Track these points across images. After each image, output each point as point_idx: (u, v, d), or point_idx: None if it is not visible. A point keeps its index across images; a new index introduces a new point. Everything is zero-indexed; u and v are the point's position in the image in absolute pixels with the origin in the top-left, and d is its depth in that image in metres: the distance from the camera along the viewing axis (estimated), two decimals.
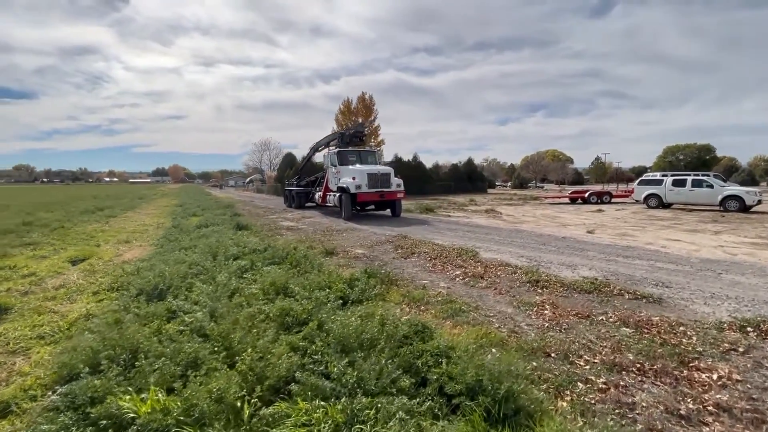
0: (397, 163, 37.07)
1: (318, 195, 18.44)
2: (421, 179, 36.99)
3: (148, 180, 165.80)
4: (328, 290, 4.39)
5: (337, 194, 15.48)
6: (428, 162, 47.67)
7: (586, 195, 23.08)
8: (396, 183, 14.92)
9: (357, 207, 14.75)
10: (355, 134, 17.57)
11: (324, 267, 5.57)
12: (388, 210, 15.80)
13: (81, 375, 2.49)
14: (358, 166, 15.37)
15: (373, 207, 15.76)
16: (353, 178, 14.39)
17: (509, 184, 74.85)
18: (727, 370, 3.00)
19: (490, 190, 47.55)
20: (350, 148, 17.00)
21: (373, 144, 40.82)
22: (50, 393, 2.47)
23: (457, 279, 5.50)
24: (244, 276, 5.13)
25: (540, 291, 4.89)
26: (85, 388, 2.32)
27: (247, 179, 78.41)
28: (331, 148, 18.34)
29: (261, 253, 6.43)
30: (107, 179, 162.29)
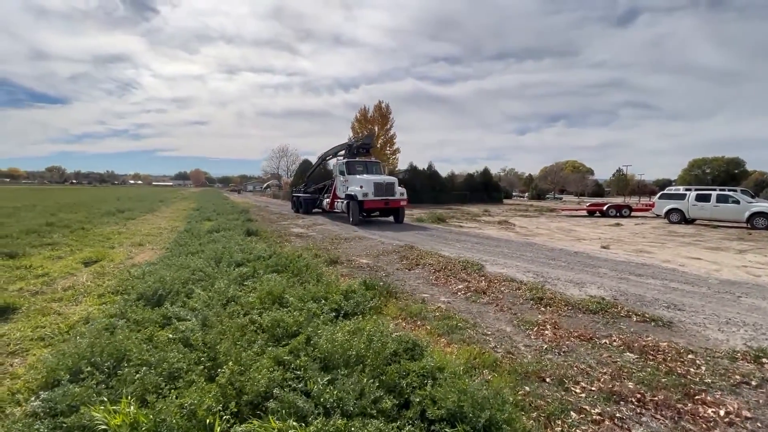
0: (411, 172, 37.10)
1: (326, 201, 19.03)
2: (435, 188, 36.82)
3: (170, 183, 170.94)
4: (323, 301, 4.35)
5: (345, 201, 16.13)
6: (444, 171, 47.49)
7: (605, 208, 22.48)
8: (399, 192, 15.62)
9: (364, 213, 15.32)
10: (362, 146, 18.20)
11: (324, 277, 5.53)
12: (392, 216, 16.43)
13: (62, 382, 2.52)
14: (365, 175, 16.07)
15: (378, 213, 16.56)
16: (361, 187, 15.10)
17: (526, 195, 73.66)
18: (736, 406, 2.79)
19: (506, 201, 46.91)
20: (358, 159, 17.71)
21: (389, 152, 41.12)
22: (33, 398, 2.50)
23: (459, 293, 5.40)
24: (245, 284, 5.13)
25: (543, 309, 4.73)
26: (65, 395, 2.33)
27: (265, 185, 79.77)
28: (339, 158, 19.15)
29: (265, 260, 6.43)
30: (132, 182, 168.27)
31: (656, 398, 2.87)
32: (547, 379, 3.12)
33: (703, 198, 17.03)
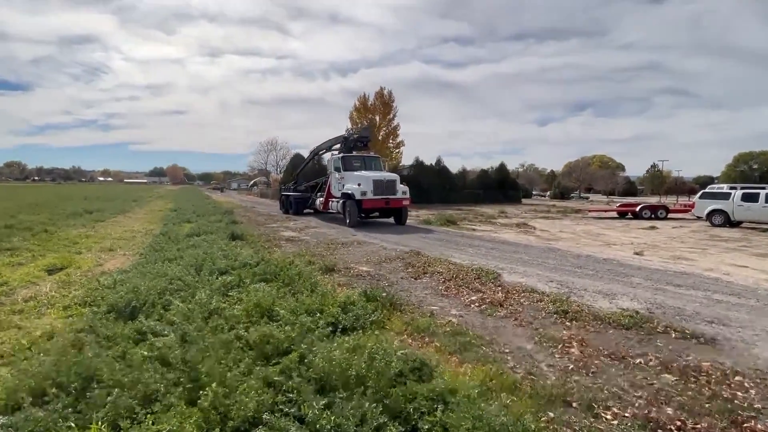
0: (417, 168, 37.20)
1: (319, 201, 19.21)
2: (444, 186, 36.88)
3: (145, 180, 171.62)
4: (318, 315, 4.36)
5: (341, 200, 16.31)
6: (455, 166, 47.53)
7: (638, 209, 22.45)
8: (402, 190, 15.80)
9: (362, 214, 15.50)
10: (360, 138, 18.43)
11: (319, 287, 5.54)
12: (392, 218, 16.61)
13: (24, 405, 2.52)
14: (363, 172, 16.25)
15: (377, 214, 16.84)
16: (358, 184, 15.25)
17: (548, 193, 73.53)
18: None
19: (525, 201, 46.88)
20: (355, 154, 17.93)
21: (391, 145, 41.19)
22: None
23: (473, 306, 5.41)
24: (230, 294, 5.16)
25: (568, 324, 4.73)
26: (27, 420, 2.34)
27: (251, 182, 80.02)
28: (334, 152, 19.34)
29: (252, 268, 6.46)
30: (101, 178, 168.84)
31: (699, 426, 2.86)
32: (574, 404, 3.11)
33: (750, 198, 16.97)
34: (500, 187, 41.42)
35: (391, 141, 41.67)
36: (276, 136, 78.11)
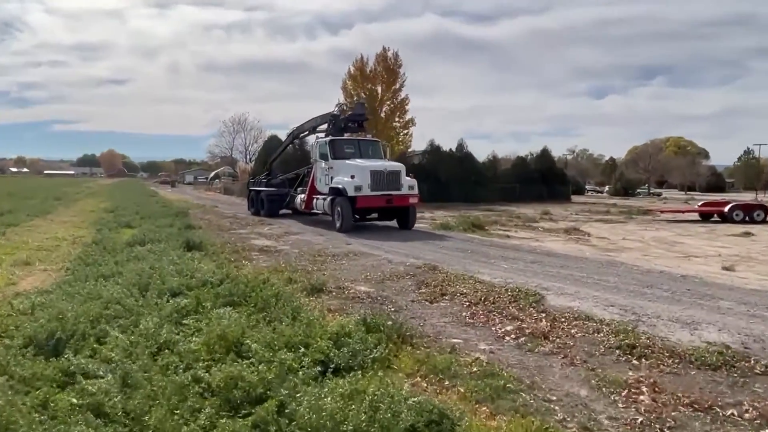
0: (432, 155, 37.33)
1: (300, 198, 19.34)
2: (468, 179, 36.93)
3: (72, 172, 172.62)
4: (302, 350, 4.37)
5: (329, 198, 16.41)
6: (482, 152, 47.54)
7: (726, 209, 22.41)
8: (408, 184, 15.88)
9: (356, 215, 15.63)
10: (352, 117, 18.50)
11: (303, 312, 5.56)
12: (395, 220, 16.65)
13: None
14: (357, 160, 16.31)
15: (376, 215, 16.89)
16: (352, 177, 15.33)
17: (606, 188, 73.55)
18: None
19: (575, 198, 46.89)
20: (348, 137, 17.98)
21: (398, 124, 41.36)
22: None
23: (507, 338, 5.42)
24: (185, 322, 5.19)
25: (636, 363, 4.72)
26: None
27: (212, 174, 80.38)
28: (320, 135, 19.31)
29: (214, 287, 6.49)
30: (14, 169, 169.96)
31: None
32: None
33: None
34: (543, 181, 41.47)
35: (397, 119, 41.90)
36: (245, 113, 78.48)
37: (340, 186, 15.57)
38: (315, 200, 17.81)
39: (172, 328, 4.86)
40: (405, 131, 42.17)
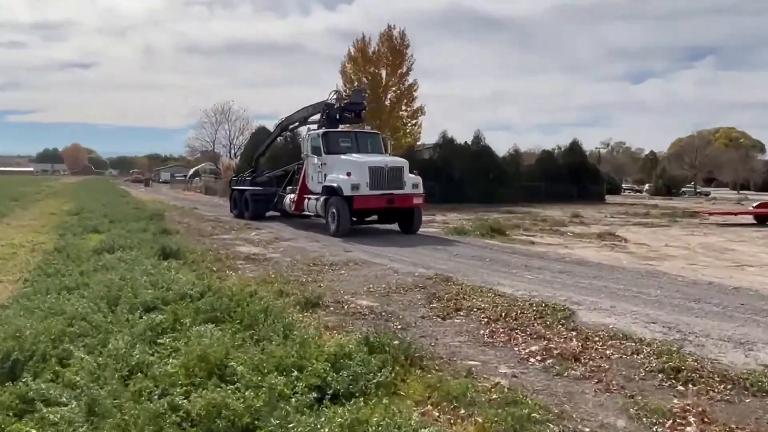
0: (444, 148, 37.37)
1: (289, 199, 19.50)
2: (486, 176, 36.95)
3: (31, 169, 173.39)
4: (295, 373, 4.36)
5: (322, 198, 16.59)
6: (502, 146, 47.70)
7: None
8: (412, 182, 16.12)
9: (353, 217, 15.86)
10: (349, 107, 18.72)
11: (297, 330, 5.56)
12: (397, 223, 16.84)
13: None
14: (354, 155, 16.50)
15: (375, 218, 17.18)
16: (348, 174, 15.51)
17: (646, 187, 73.37)
18: None
19: (610, 198, 46.79)
20: (343, 129, 18.31)
21: (405, 114, 41.44)
22: None
23: (532, 360, 5.41)
24: (160, 341, 5.19)
25: (682, 389, 4.70)
26: None
27: (191, 171, 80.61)
28: (312, 127, 19.53)
29: (194, 301, 6.51)
30: None
31: None
32: None
33: None
34: (573, 178, 41.46)
35: (404, 108, 42.01)
36: (230, 101, 78.47)
37: (334, 184, 15.74)
38: (306, 201, 17.95)
39: (145, 348, 4.85)
40: (413, 122, 42.29)
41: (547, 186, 39.69)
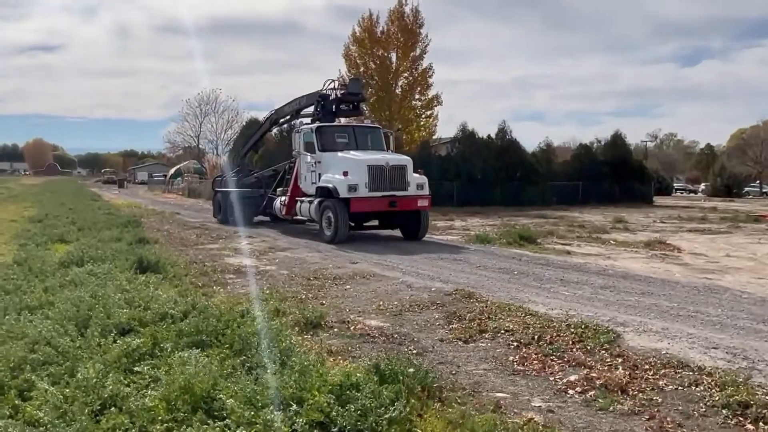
0: (465, 143, 37.43)
1: (280, 201, 19.93)
2: (513, 175, 37.01)
3: None
4: (295, 407, 4.33)
5: (316, 200, 16.95)
6: (532, 139, 47.65)
7: None
8: (417, 182, 16.55)
9: (351, 222, 16.33)
10: (345, 98, 19.21)
11: (296, 356, 5.53)
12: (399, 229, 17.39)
13: None
14: (352, 153, 16.94)
15: (376, 223, 17.71)
16: (344, 173, 15.90)
17: (702, 187, 73.02)
18: None
19: (660, 200, 46.59)
20: (339, 123, 18.96)
21: (419, 103, 41.49)
22: None
23: (571, 391, 5.36)
24: (136, 369, 5.18)
25: (751, 428, 4.64)
26: None
27: (172, 170, 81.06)
28: (304, 121, 20.23)
29: (176, 322, 6.51)
30: None
31: None
32: None
33: None
34: (615, 177, 41.34)
35: (418, 96, 42.15)
36: (216, 89, 78.18)
37: (329, 185, 16.09)
38: (299, 204, 18.27)
39: (119, 378, 4.83)
40: (428, 113, 42.39)
41: (585, 186, 39.61)
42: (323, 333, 7.08)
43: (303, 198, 17.98)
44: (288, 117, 22.33)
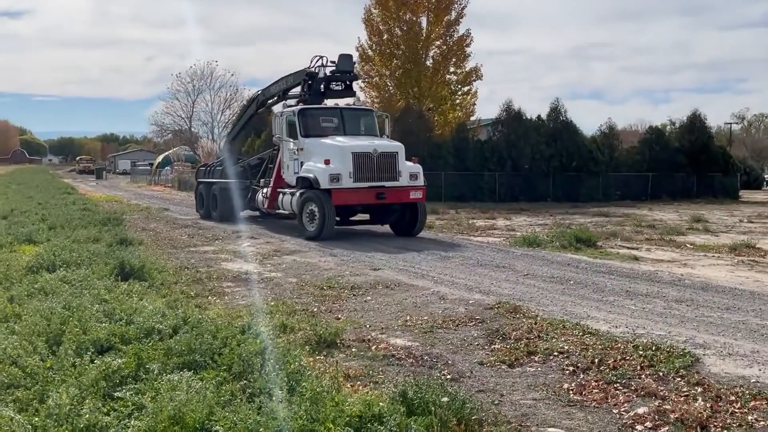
0: (509, 126, 37.23)
1: (262, 194, 20.76)
2: (567, 164, 36.78)
3: None
4: None
5: (297, 192, 17.67)
6: (590, 122, 47.32)
7: None
8: (409, 172, 17.28)
9: (336, 217, 17.00)
10: (334, 76, 19.93)
11: (306, 381, 5.54)
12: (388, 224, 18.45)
13: None
14: (338, 138, 17.68)
15: (367, 217, 18.65)
16: (326, 162, 16.57)
17: None
18: None
19: (748, 195, 45.95)
20: (325, 105, 19.66)
21: (454, 78, 41.32)
22: None
23: (640, 427, 5.30)
24: (117, 395, 5.21)
25: None
26: None
27: (159, 158, 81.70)
28: (289, 102, 20.76)
29: (164, 338, 6.55)
30: None
31: None
32: None
33: None
34: (693, 167, 40.95)
35: (453, 69, 42.02)
36: (212, 62, 78.18)
37: (310, 175, 16.76)
38: (281, 196, 18.97)
39: (98, 405, 4.85)
40: (465, 88, 42.18)
41: (656, 178, 39.29)
42: (339, 353, 7.08)
43: (285, 189, 18.69)
44: (275, 98, 23.00)
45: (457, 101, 41.88)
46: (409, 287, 10.90)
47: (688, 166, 40.58)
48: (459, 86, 41.85)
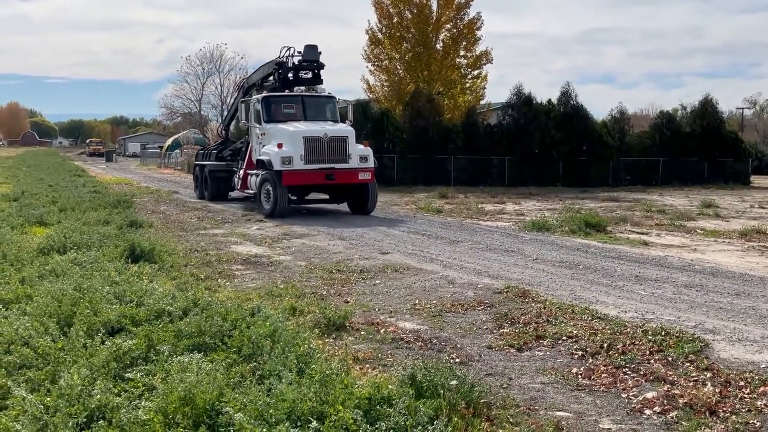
0: (520, 111, 37.02)
1: (237, 176, 22.43)
2: (578, 149, 36.58)
3: None
4: (315, 423, 4.34)
5: (260, 174, 18.96)
6: (601, 107, 47.08)
7: None
8: (359, 154, 18.44)
9: (290, 196, 18.48)
10: (301, 65, 21.30)
11: (315, 363, 5.55)
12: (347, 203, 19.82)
13: None
14: (294, 124, 18.88)
15: (327, 197, 20.09)
16: (279, 146, 17.86)
17: None
18: None
19: (760, 180, 45.61)
20: (288, 93, 20.98)
21: (466, 61, 41.09)
22: None
23: (648, 411, 5.30)
24: (128, 376, 5.22)
25: None
26: None
27: (169, 141, 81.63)
28: (260, 91, 22.21)
29: (174, 321, 6.56)
30: None
31: None
32: None
33: None
34: (704, 152, 40.66)
35: (463, 52, 41.82)
36: (221, 44, 77.70)
37: (266, 158, 17.97)
38: (250, 177, 20.36)
39: (109, 386, 4.85)
40: (475, 72, 42.03)
41: (667, 163, 39.07)
42: (348, 336, 7.09)
43: (252, 171, 19.94)
44: (254, 86, 24.02)
45: (467, 85, 41.72)
46: (417, 271, 10.90)
47: (699, 151, 40.26)
48: (469, 70, 41.68)
